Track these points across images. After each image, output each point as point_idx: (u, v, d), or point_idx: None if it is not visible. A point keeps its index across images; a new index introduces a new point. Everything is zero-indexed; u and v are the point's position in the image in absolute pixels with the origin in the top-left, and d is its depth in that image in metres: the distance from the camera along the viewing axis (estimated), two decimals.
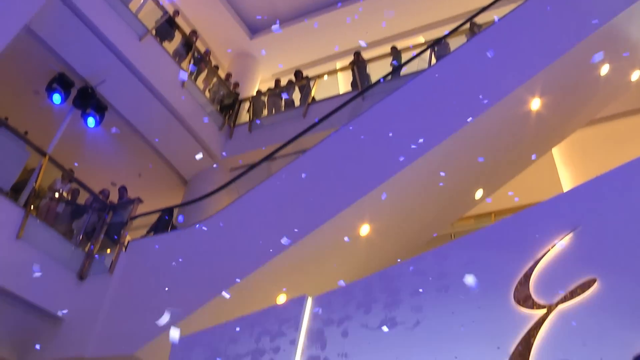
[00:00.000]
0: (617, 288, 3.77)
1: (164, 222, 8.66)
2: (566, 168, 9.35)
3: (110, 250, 8.60)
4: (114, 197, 9.68)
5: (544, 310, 4.01)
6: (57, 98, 9.60)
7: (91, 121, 9.88)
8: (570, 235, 4.24)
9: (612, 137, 8.85)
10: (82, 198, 9.38)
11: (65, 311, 7.66)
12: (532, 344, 3.91)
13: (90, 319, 7.54)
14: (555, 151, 9.18)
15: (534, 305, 4.07)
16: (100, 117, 9.97)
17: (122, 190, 9.72)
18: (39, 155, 8.51)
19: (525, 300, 4.13)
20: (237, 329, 5.57)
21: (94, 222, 8.99)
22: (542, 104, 6.70)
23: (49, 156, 8.58)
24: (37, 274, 6.31)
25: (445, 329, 4.38)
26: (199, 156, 6.23)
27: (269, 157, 8.66)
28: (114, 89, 9.98)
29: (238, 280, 6.45)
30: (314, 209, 6.75)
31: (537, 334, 3.95)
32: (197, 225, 7.52)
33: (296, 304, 5.39)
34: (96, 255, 8.40)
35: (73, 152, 10.19)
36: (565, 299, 3.94)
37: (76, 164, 9.95)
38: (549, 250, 4.27)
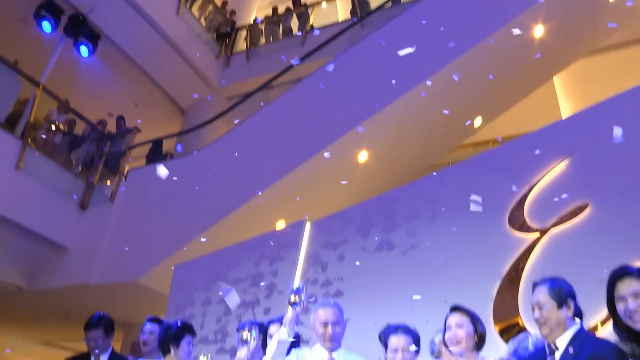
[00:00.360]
0: (608, 213, 3.83)
1: (155, 155, 8.67)
2: (567, 98, 9.25)
3: (110, 182, 8.65)
4: (111, 128, 9.62)
5: (537, 234, 4.11)
6: (47, 26, 9.27)
7: (84, 50, 9.61)
8: (567, 161, 4.28)
9: (615, 67, 8.67)
10: (79, 129, 9.32)
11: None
12: (524, 267, 4.04)
13: (94, 248, 7.69)
14: (557, 80, 9.04)
15: (527, 229, 4.17)
16: (94, 46, 9.69)
17: (120, 120, 9.65)
18: (32, 85, 8.36)
19: (519, 224, 4.23)
20: (237, 253, 5.71)
21: (92, 153, 8.98)
22: (545, 30, 6.53)
23: (42, 86, 8.43)
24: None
25: (439, 253, 4.48)
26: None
27: (266, 85, 8.55)
28: (107, 17, 9.65)
29: (238, 207, 6.53)
30: (312, 136, 6.73)
31: (529, 256, 4.07)
32: (195, 152, 7.52)
33: (295, 228, 5.49)
34: (102, 188, 8.45)
35: (67, 83, 10.00)
36: (557, 223, 4.04)
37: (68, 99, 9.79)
38: (544, 176, 4.32)
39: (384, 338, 2.90)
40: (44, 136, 8.56)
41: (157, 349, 3.75)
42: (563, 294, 2.31)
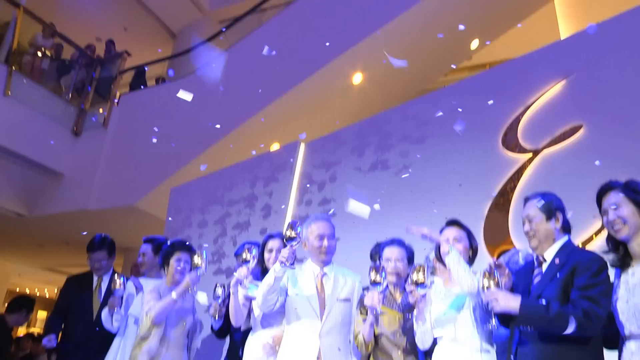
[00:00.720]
0: (602, 134, 3.82)
1: (138, 82, 8.51)
2: (567, 20, 8.99)
3: (103, 110, 8.54)
4: (101, 53, 9.37)
5: (530, 155, 4.10)
6: None
7: None
8: (563, 82, 4.19)
9: None
10: (67, 54, 9.08)
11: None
12: (515, 187, 4.05)
13: (90, 173, 7.72)
14: (557, 1, 8.76)
15: (520, 149, 4.15)
16: None
17: (109, 44, 9.39)
18: (12, 6, 8.04)
19: (512, 145, 4.21)
20: (232, 175, 5.71)
21: (82, 79, 8.81)
22: None
23: (23, 7, 8.10)
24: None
25: (432, 173, 4.48)
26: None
27: (257, 8, 8.25)
28: None
29: (232, 129, 6.49)
30: (306, 58, 6.58)
31: (521, 177, 4.07)
32: (188, 77, 7.39)
33: (289, 149, 5.48)
34: (95, 114, 8.35)
35: (51, 5, 9.62)
36: (550, 144, 4.02)
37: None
38: (539, 97, 4.25)
39: (378, 251, 2.96)
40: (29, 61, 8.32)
41: (154, 268, 3.93)
42: (553, 207, 2.37)
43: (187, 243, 3.55)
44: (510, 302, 2.15)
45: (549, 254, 2.34)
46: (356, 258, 3.55)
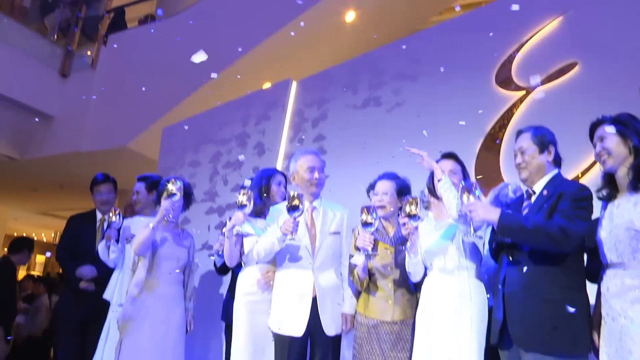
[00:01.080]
0: (597, 72, 3.79)
1: (119, 23, 8.26)
2: None
3: (91, 52, 8.32)
4: None
5: (523, 92, 4.07)
6: None
7: None
8: (560, 19, 4.14)
9: None
10: None
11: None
12: (508, 124, 4.05)
13: (80, 115, 7.58)
14: None
15: (514, 87, 4.12)
16: None
17: None
18: None
19: (506, 82, 4.17)
20: (224, 114, 5.65)
21: (67, 18, 8.52)
22: None
23: None
24: None
25: (424, 110, 4.43)
26: None
27: None
28: None
29: (223, 68, 6.37)
30: None
31: (514, 114, 4.06)
32: (178, 16, 7.18)
33: (281, 87, 5.40)
34: (83, 55, 8.14)
35: None
36: (545, 82, 3.96)
37: None
38: (535, 34, 4.19)
39: (372, 188, 2.98)
40: None
41: (149, 206, 3.95)
42: (546, 140, 2.39)
43: (184, 182, 3.50)
44: (490, 213, 2.19)
45: (539, 186, 2.37)
46: (347, 195, 3.53)
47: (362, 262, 2.71)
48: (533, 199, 2.39)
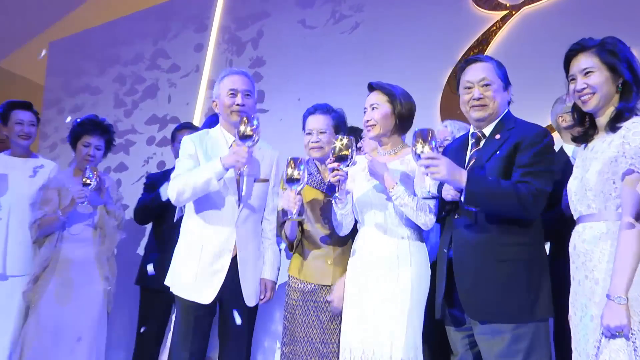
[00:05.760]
0: None
1: None
2: None
3: None
4: None
5: (506, 12, 3.67)
6: None
7: None
8: None
9: None
10: None
11: None
12: (484, 51, 3.66)
13: None
14: None
15: (496, 5, 3.72)
16: None
17: None
18: None
19: (486, 1, 3.76)
20: (129, 28, 5.02)
21: None
22: None
23: None
24: None
25: (389, 32, 4.04)
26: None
27: None
28: None
29: None
30: None
31: (492, 39, 3.68)
32: None
33: None
34: None
35: None
36: (531, 1, 3.59)
37: None
38: None
39: (303, 122, 2.67)
40: None
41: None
42: (506, 74, 2.19)
43: (104, 122, 3.27)
44: (455, 174, 1.93)
45: (489, 129, 2.16)
46: (292, 136, 3.07)
47: (289, 225, 2.51)
48: (482, 143, 2.16)
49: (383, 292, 2.19)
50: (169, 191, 2.46)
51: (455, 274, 2.06)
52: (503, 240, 2.02)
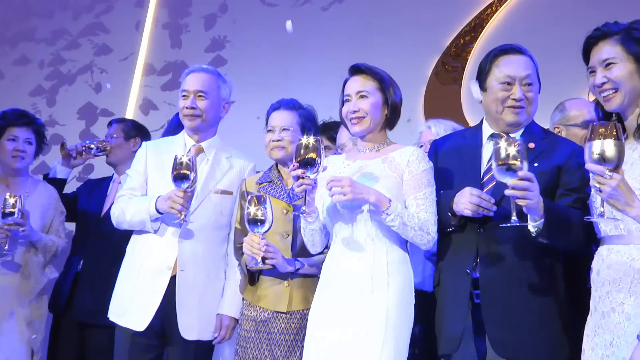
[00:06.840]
0: None
1: None
2: None
3: None
4: None
5: None
6: None
7: None
8: None
9: None
10: None
11: None
12: (478, 38, 3.54)
13: None
14: None
15: None
16: None
17: None
18: None
19: None
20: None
21: None
22: None
23: None
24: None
25: (367, 13, 3.81)
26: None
27: None
28: None
29: None
30: None
31: (486, 24, 3.54)
32: None
33: None
34: None
35: None
36: None
37: None
38: None
39: (266, 119, 2.49)
40: None
41: None
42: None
43: (29, 113, 2.95)
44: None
45: (517, 134, 1.97)
46: (255, 131, 2.83)
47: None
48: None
49: (353, 324, 1.95)
50: (112, 211, 2.41)
51: (482, 300, 1.86)
52: (531, 265, 1.86)
